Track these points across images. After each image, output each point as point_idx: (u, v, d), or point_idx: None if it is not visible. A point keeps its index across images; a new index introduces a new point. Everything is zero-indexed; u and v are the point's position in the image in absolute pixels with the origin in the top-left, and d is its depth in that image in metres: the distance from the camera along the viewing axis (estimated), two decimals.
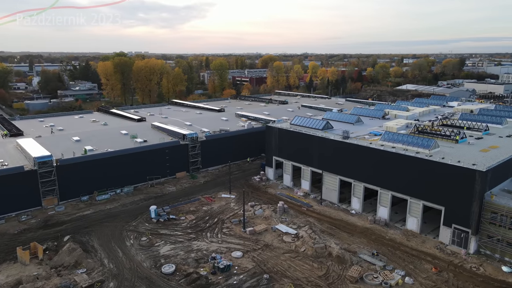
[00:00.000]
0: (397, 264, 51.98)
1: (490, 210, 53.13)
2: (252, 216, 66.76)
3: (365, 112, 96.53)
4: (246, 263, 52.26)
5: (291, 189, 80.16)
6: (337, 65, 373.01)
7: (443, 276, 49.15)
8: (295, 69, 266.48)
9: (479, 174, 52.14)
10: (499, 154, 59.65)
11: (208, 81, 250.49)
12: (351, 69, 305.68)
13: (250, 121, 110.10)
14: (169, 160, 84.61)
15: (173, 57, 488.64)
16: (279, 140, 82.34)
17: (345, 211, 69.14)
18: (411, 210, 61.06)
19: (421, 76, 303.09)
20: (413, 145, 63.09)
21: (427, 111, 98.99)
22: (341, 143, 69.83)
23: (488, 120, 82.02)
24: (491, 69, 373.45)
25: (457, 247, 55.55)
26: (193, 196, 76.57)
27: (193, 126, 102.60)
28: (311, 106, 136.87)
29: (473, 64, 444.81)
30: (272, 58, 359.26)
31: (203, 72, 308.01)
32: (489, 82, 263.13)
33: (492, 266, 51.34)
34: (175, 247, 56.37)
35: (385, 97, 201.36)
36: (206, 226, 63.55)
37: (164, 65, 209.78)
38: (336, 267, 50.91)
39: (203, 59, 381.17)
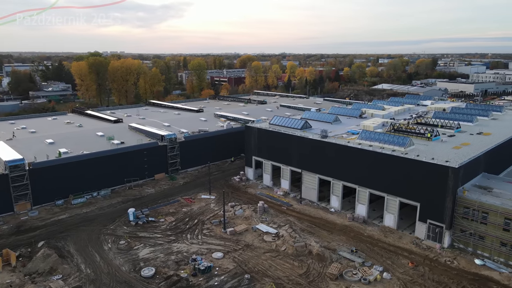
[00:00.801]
0: (376, 260, 53.06)
1: (462, 205, 55.00)
2: (232, 216, 66.63)
3: (343, 112, 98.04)
4: (227, 263, 52.12)
5: (271, 189, 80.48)
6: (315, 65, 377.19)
7: (419, 271, 50.52)
8: (274, 69, 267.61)
9: (452, 170, 53.87)
10: (470, 151, 61.82)
11: (186, 81, 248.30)
12: (329, 69, 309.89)
13: (229, 121, 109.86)
14: (148, 162, 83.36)
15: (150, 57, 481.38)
16: (258, 140, 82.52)
17: (325, 210, 70.01)
18: (388, 207, 62.45)
19: (396, 75, 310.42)
20: (389, 143, 64.55)
21: (402, 110, 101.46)
22: (319, 142, 70.64)
23: (459, 118, 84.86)
24: (462, 68, 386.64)
25: (432, 241, 57.23)
26: (172, 197, 75.72)
27: (171, 127, 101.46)
28: (290, 106, 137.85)
29: (445, 64, 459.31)
30: (250, 58, 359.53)
31: (181, 72, 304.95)
32: (460, 82, 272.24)
33: (466, 259, 53.17)
34: (155, 250, 55.58)
35: (362, 96, 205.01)
36: (186, 227, 62.96)
37: (141, 65, 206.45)
38: (316, 265, 51.49)
39: (180, 59, 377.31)
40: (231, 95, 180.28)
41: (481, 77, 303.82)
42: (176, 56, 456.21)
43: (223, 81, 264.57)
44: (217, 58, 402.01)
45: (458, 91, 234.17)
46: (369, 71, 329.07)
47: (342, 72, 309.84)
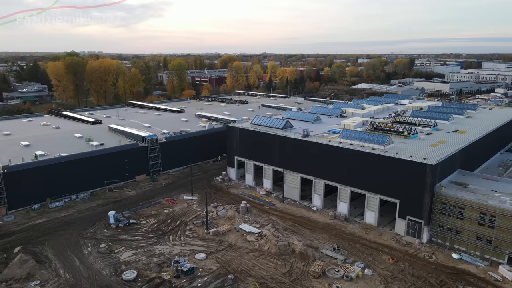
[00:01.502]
0: (357, 257, 53.88)
1: (440, 201, 56.50)
2: (215, 217, 66.37)
3: (324, 111, 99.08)
4: (210, 264, 51.89)
5: (253, 189, 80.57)
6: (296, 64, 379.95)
7: (399, 266, 51.61)
8: (255, 69, 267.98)
9: (429, 167, 55.25)
10: (447, 148, 63.56)
11: (167, 81, 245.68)
12: (309, 68, 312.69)
13: (211, 121, 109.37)
14: (128, 163, 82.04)
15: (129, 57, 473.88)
16: (240, 140, 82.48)
17: (307, 208, 70.59)
18: (369, 205, 63.51)
19: (375, 75, 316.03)
20: (369, 142, 65.65)
21: (381, 108, 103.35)
22: (301, 142, 71.19)
23: (436, 117, 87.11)
24: (437, 68, 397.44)
25: (412, 237, 58.56)
26: (154, 199, 74.80)
27: (152, 128, 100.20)
28: (271, 106, 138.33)
29: (421, 64, 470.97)
30: (231, 58, 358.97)
31: (161, 72, 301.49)
32: (436, 81, 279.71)
33: (443, 254, 54.63)
34: (136, 253, 54.78)
35: (342, 95, 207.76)
36: (168, 229, 62.32)
37: (120, 65, 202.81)
38: (300, 263, 51.88)
39: (161, 59, 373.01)
40: (213, 95, 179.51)
41: (456, 76, 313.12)
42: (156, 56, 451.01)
43: (204, 81, 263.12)
44: (198, 58, 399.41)
45: (435, 90, 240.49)
46: (349, 71, 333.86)
47: (322, 72, 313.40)
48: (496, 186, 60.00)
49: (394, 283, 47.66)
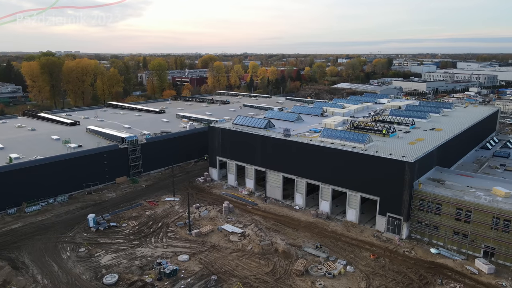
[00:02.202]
0: (339, 254, 54.57)
1: (418, 198, 57.86)
2: (197, 218, 65.94)
3: (305, 110, 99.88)
4: (193, 266, 51.52)
5: (235, 189, 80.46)
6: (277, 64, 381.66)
7: (380, 262, 52.57)
8: (236, 69, 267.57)
9: (408, 165, 56.51)
10: (424, 146, 65.16)
11: (147, 82, 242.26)
12: (290, 68, 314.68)
13: (192, 122, 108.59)
14: (108, 165, 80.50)
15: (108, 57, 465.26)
16: (222, 140, 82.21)
17: (289, 207, 71.01)
18: (350, 202, 64.42)
19: (354, 75, 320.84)
20: (349, 141, 66.57)
21: (361, 108, 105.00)
22: (283, 141, 71.54)
23: (414, 115, 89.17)
24: (415, 68, 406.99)
25: (392, 234, 59.75)
26: (135, 201, 73.68)
27: (132, 129, 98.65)
28: (253, 106, 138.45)
29: (399, 64, 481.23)
30: (212, 58, 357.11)
31: (141, 72, 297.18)
32: (414, 80, 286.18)
33: (422, 249, 55.97)
34: (118, 256, 53.84)
35: (322, 95, 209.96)
36: (150, 231, 61.51)
37: (98, 65, 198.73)
38: (283, 262, 52.14)
39: (140, 59, 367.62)
40: (194, 96, 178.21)
41: (432, 76, 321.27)
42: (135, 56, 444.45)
43: (185, 82, 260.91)
44: (178, 58, 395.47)
45: (412, 89, 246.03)
46: (329, 70, 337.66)
47: (303, 72, 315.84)
48: (471, 182, 61.90)
49: (375, 279, 48.51)
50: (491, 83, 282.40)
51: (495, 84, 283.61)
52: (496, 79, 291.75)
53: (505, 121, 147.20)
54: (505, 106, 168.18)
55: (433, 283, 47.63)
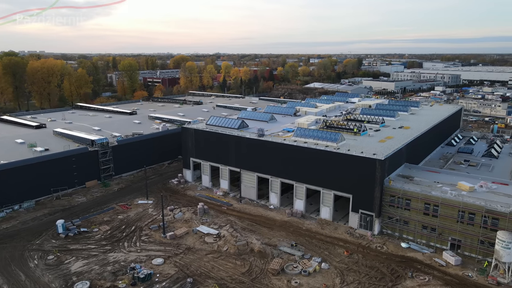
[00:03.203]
0: (314, 252, 55.35)
1: (389, 194, 59.58)
2: (172, 220, 65.06)
3: (278, 110, 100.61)
4: (168, 269, 50.78)
5: (210, 190, 79.96)
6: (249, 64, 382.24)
7: (353, 258, 53.74)
8: (208, 69, 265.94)
9: (379, 162, 58.06)
10: (394, 144, 67.14)
11: (117, 82, 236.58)
12: (263, 68, 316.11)
13: (165, 123, 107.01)
14: (77, 169, 78.03)
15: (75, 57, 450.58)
16: (196, 141, 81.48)
17: (264, 207, 71.31)
18: (324, 200, 65.45)
19: (326, 74, 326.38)
20: (322, 140, 67.64)
21: (333, 107, 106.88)
22: (257, 141, 71.74)
23: (383, 114, 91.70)
24: (383, 68, 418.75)
25: (364, 230, 61.21)
26: (106, 205, 71.79)
27: (102, 131, 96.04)
28: (226, 106, 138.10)
29: (369, 64, 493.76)
30: (184, 58, 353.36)
31: (110, 73, 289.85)
32: (383, 80, 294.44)
33: (393, 244, 57.68)
34: (89, 262, 52.28)
35: (295, 95, 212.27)
36: (122, 235, 60.10)
37: (65, 65, 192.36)
38: (259, 262, 52.30)
39: (109, 59, 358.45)
40: (166, 96, 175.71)
41: (400, 75, 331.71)
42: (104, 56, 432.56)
43: (156, 82, 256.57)
44: (149, 59, 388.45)
45: (381, 88, 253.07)
46: (301, 70, 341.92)
47: (276, 72, 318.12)
48: (438, 177, 64.37)
49: (349, 275, 49.54)
50: (455, 82, 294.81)
51: (459, 83, 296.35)
52: (459, 79, 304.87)
53: (468, 118, 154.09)
54: (467, 104, 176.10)
55: (404, 276, 49.18)
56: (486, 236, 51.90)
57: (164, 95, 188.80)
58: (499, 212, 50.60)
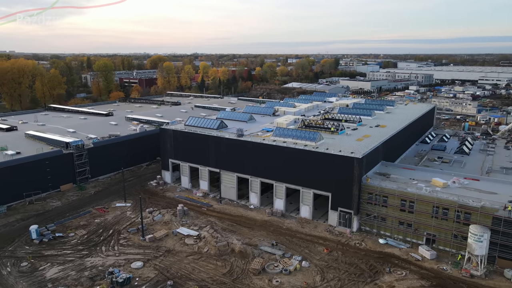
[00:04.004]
0: (295, 250, 55.78)
1: (367, 192, 60.73)
2: (151, 222, 64.13)
3: (257, 110, 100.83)
4: (147, 272, 50.03)
5: (190, 191, 79.30)
6: (227, 65, 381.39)
7: (333, 255, 54.49)
8: (186, 69, 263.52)
9: (356, 160, 59.09)
10: (371, 142, 68.50)
11: (92, 83, 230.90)
12: (241, 68, 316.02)
13: (142, 124, 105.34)
14: (51, 172, 75.77)
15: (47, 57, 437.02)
16: (174, 142, 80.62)
17: (244, 207, 71.31)
18: (303, 199, 66.05)
19: (304, 74, 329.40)
20: (301, 139, 68.26)
21: (311, 106, 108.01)
22: (236, 141, 71.65)
23: (360, 113, 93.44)
24: (360, 68, 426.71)
25: (343, 227, 62.16)
26: (82, 209, 70.03)
27: (77, 133, 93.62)
28: (205, 106, 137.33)
29: (345, 64, 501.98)
30: (161, 59, 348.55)
31: (85, 73, 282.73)
32: (359, 80, 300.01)
33: (372, 240, 58.85)
34: (65, 268, 50.88)
35: (274, 95, 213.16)
36: (100, 239, 58.78)
37: (37, 66, 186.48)
38: (240, 262, 52.27)
39: (84, 60, 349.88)
40: (143, 97, 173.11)
41: (376, 75, 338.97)
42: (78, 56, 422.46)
43: (133, 83, 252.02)
44: (125, 59, 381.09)
45: (358, 88, 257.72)
46: (279, 70, 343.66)
47: (254, 72, 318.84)
48: (413, 174, 66.12)
49: (329, 272, 50.20)
50: (428, 81, 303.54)
51: (431, 82, 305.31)
52: (432, 78, 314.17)
53: (440, 116, 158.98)
54: (440, 103, 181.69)
55: (382, 271, 50.25)
56: (459, 230, 53.68)
57: (142, 96, 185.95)
58: (471, 207, 52.44)
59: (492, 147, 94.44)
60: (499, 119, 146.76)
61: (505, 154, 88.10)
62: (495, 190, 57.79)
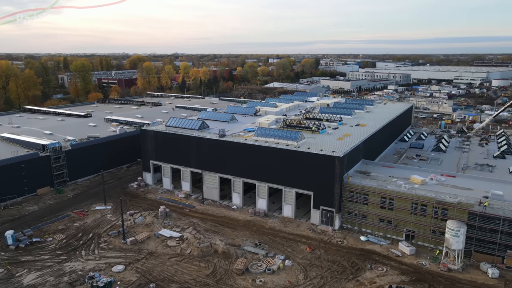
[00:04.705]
0: (278, 250, 56.03)
1: (348, 190, 61.59)
2: (132, 225, 63.17)
3: (239, 110, 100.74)
4: (129, 276, 49.26)
5: (172, 192, 78.52)
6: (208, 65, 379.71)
7: (316, 254, 55.01)
8: (167, 69, 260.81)
9: (338, 159, 59.85)
10: (351, 141, 69.49)
11: (69, 84, 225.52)
12: (222, 68, 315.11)
13: (122, 125, 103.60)
14: (27, 176, 73.64)
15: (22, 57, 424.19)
16: (156, 143, 79.65)
17: (227, 207, 71.13)
18: (286, 198, 66.42)
19: (285, 74, 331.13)
20: (283, 138, 68.61)
21: (292, 106, 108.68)
22: (218, 142, 71.40)
23: (341, 112, 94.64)
24: (340, 68, 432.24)
25: (325, 225, 62.85)
26: (61, 213, 68.34)
27: (54, 135, 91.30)
28: (186, 107, 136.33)
29: (326, 64, 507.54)
30: (141, 59, 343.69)
31: (62, 74, 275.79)
32: (339, 79, 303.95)
33: (353, 238, 59.72)
34: (43, 274, 49.53)
35: (255, 95, 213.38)
36: (79, 244, 57.49)
37: (10, 66, 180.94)
38: (223, 263, 52.12)
39: (60, 60, 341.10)
40: (123, 98, 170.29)
41: (356, 75, 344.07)
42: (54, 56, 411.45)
43: (112, 83, 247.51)
44: (103, 59, 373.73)
45: (338, 87, 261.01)
46: (260, 70, 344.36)
47: (235, 72, 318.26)
48: (393, 172, 67.47)
49: (312, 270, 50.66)
50: (406, 81, 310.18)
51: (409, 82, 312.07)
52: (409, 78, 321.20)
53: (418, 115, 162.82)
54: (418, 102, 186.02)
55: (363, 268, 51.08)
56: (437, 226, 55.13)
57: (121, 97, 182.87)
58: (448, 203, 53.94)
59: (467, 145, 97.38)
60: (474, 117, 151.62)
61: (480, 151, 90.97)
62: (471, 186, 59.67)
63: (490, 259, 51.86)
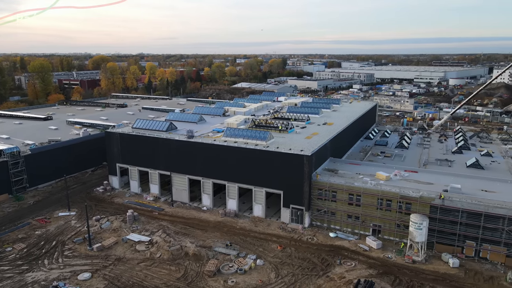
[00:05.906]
0: (249, 249, 56.16)
1: (317, 188, 62.73)
2: (98, 231, 61.18)
3: (207, 111, 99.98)
4: (96, 283, 47.69)
5: (140, 196, 76.74)
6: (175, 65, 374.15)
7: (287, 252, 55.64)
8: (132, 70, 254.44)
9: (306, 158, 60.79)
10: (319, 140, 70.77)
11: (27, 85, 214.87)
12: (189, 69, 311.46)
13: (86, 128, 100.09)
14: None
15: None
16: (122, 145, 77.54)
17: (197, 209, 70.44)
18: (256, 198, 66.67)
19: (252, 74, 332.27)
20: (252, 138, 68.81)
21: (261, 106, 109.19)
22: (186, 143, 70.55)
23: (309, 111, 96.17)
24: (306, 67, 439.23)
25: (296, 224, 63.67)
26: (20, 221, 65.08)
27: (12, 139, 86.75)
28: (153, 108, 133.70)
29: (293, 64, 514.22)
30: (104, 59, 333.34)
31: (18, 75, 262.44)
32: (306, 79, 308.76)
33: (323, 234, 60.91)
34: (3, 285, 47.05)
35: (223, 95, 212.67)
36: (42, 252, 54.99)
37: None
38: (194, 265, 51.60)
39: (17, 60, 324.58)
40: (86, 100, 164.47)
41: (322, 75, 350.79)
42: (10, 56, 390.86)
43: (74, 84, 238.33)
44: (64, 59, 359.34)
45: (305, 87, 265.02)
46: (228, 70, 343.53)
47: (203, 72, 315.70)
48: (359, 169, 69.41)
49: (283, 269, 51.19)
50: (369, 80, 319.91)
51: (373, 81, 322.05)
52: (373, 77, 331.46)
53: (382, 113, 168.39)
54: (381, 101, 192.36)
55: (333, 264, 52.23)
56: (402, 220, 57.31)
57: (84, 98, 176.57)
58: (411, 197, 56.23)
59: (428, 141, 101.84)
60: (433, 114, 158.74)
61: (439, 147, 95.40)
62: (432, 180, 62.45)
63: (450, 250, 54.60)
